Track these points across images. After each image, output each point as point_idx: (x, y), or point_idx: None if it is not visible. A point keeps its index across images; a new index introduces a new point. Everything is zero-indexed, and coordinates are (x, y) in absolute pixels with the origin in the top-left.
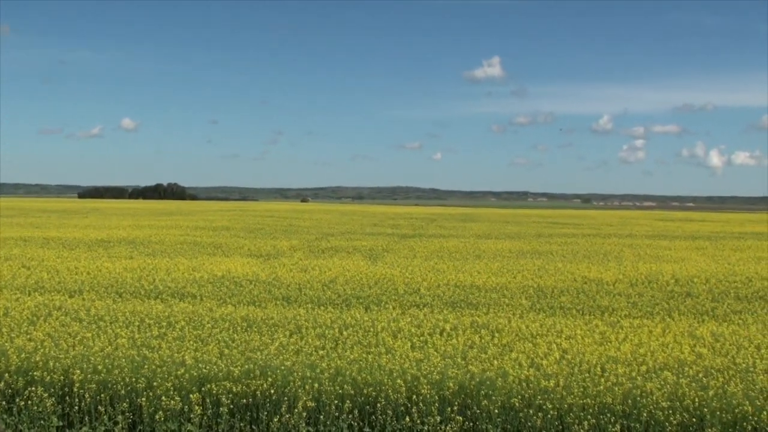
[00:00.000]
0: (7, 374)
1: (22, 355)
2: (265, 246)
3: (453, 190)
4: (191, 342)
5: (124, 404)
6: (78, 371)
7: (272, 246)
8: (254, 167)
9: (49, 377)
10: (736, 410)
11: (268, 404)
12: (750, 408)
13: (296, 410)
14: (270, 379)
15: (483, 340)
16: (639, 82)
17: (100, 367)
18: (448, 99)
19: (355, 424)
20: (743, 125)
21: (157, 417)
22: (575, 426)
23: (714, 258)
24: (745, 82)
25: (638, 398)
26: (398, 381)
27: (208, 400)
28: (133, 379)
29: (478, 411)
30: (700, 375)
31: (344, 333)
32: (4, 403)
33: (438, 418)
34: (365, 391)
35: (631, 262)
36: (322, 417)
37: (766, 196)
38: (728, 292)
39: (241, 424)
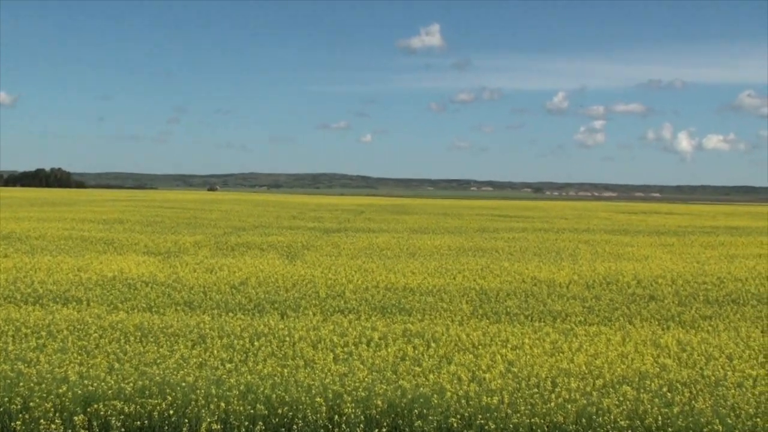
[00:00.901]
0: None
1: None
2: (164, 242)
3: (385, 177)
4: (75, 355)
5: None
6: None
7: (173, 242)
8: (153, 150)
9: None
10: (705, 429)
11: (166, 427)
12: (720, 427)
13: None
14: (169, 398)
15: (417, 351)
16: (598, 54)
17: None
18: (379, 72)
19: None
20: (716, 105)
21: None
22: None
23: (681, 256)
24: (719, 55)
25: (594, 417)
26: (318, 399)
27: (95, 423)
28: (6, 399)
29: None
30: (664, 389)
31: (256, 343)
32: None
33: None
34: (280, 411)
35: (587, 261)
36: None
37: (742, 186)
38: (697, 295)
39: None
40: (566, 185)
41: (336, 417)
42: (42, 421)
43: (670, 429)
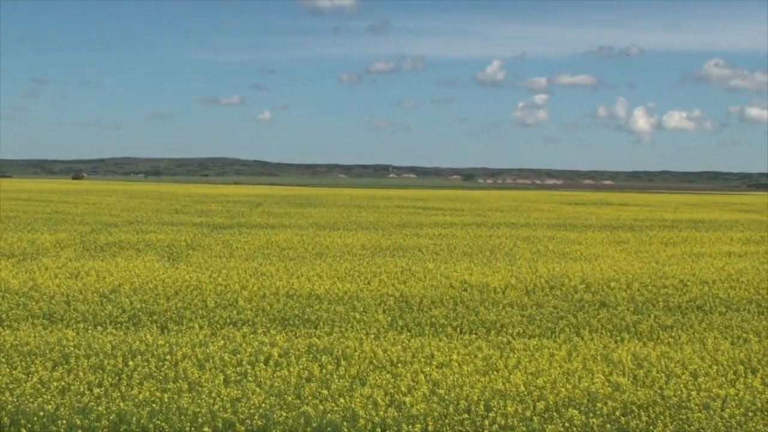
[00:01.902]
0: None
1: None
2: (18, 242)
3: (286, 162)
4: None
5: None
6: None
7: (29, 242)
8: (4, 130)
9: None
10: None
11: None
12: None
13: None
14: (23, 430)
15: (324, 371)
16: (540, 16)
17: None
18: (279, 37)
19: None
20: (679, 76)
21: None
22: None
23: (638, 255)
24: (682, 17)
25: None
26: (206, 429)
27: None
28: None
29: None
30: (618, 413)
31: (131, 363)
32: None
33: None
34: None
35: (527, 262)
36: None
37: (709, 171)
38: (656, 301)
39: None
40: (502, 171)
41: None
42: None
43: None
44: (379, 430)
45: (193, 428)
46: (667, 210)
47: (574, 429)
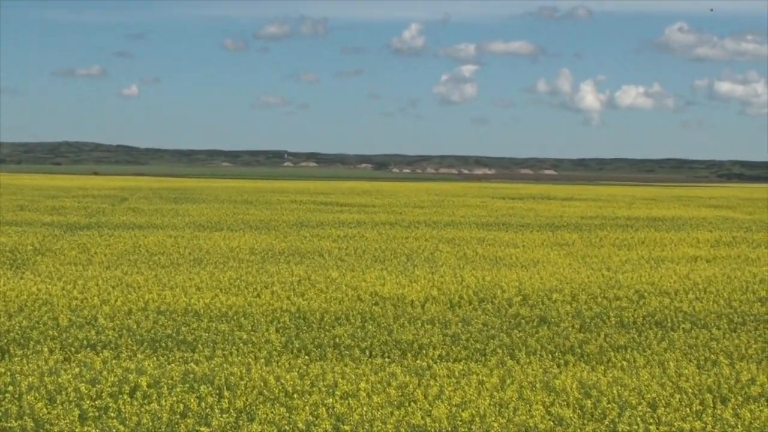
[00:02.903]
0: None
1: None
2: None
3: (158, 148)
4: None
5: None
6: None
7: None
8: None
9: None
10: None
11: None
12: None
13: None
14: None
15: (204, 404)
16: None
17: None
18: None
19: None
20: (634, 43)
21: None
22: None
23: (585, 260)
24: None
25: None
26: None
27: None
28: None
29: None
30: None
31: None
32: None
33: None
34: None
35: (452, 269)
36: None
37: (670, 159)
38: (607, 316)
39: None
40: (422, 159)
41: None
42: None
43: None
44: None
45: None
46: (620, 206)
47: None
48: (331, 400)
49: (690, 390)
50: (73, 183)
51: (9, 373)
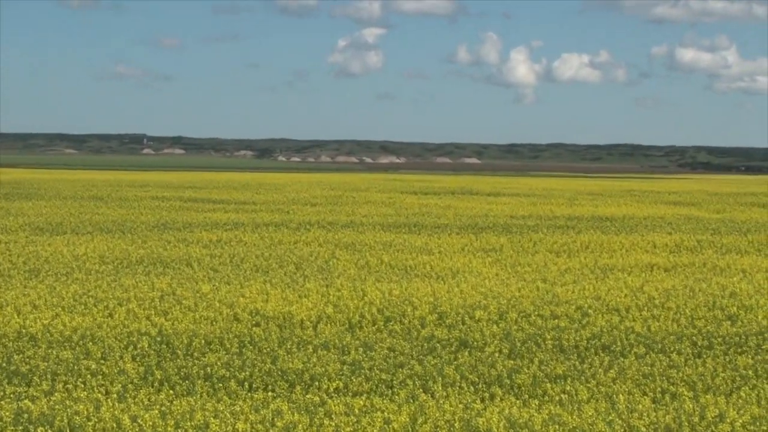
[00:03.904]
0: None
1: None
2: None
3: None
4: None
5: None
6: None
7: None
8: None
9: None
10: None
11: None
12: None
13: None
14: None
15: None
16: None
17: None
18: None
19: None
20: (577, 1)
21: None
22: None
23: (516, 270)
24: None
25: None
26: None
27: None
28: None
29: None
30: None
31: None
32: None
33: None
34: None
35: (351, 281)
36: None
37: (620, 145)
38: (542, 339)
39: None
40: (314, 145)
41: None
42: None
43: None
44: None
45: None
46: (559, 202)
47: None
48: None
49: (644, 429)
50: None
51: None
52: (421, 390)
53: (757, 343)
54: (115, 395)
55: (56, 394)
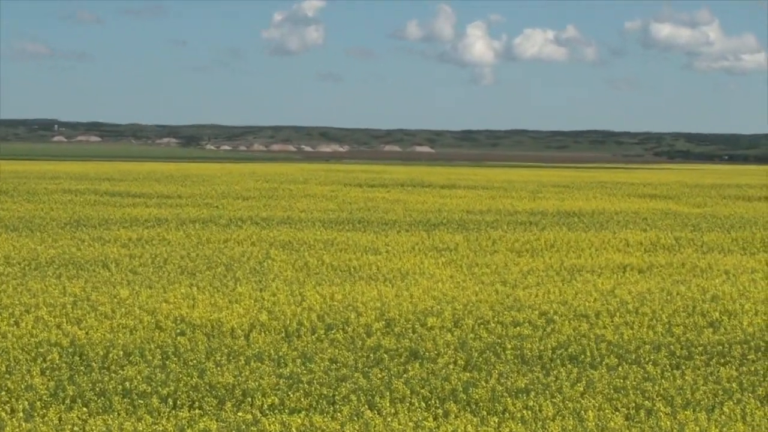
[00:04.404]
0: None
1: None
2: None
3: None
4: None
5: None
6: None
7: None
8: None
9: None
10: None
11: None
12: None
13: None
14: None
15: None
16: None
17: None
18: None
19: None
20: None
21: None
22: None
23: (473, 271)
24: None
25: None
26: None
27: None
28: None
29: None
30: None
31: None
32: None
33: None
34: None
35: (288, 284)
36: None
37: (591, 131)
38: (502, 349)
39: None
40: (247, 131)
41: None
42: None
43: None
44: None
45: None
46: (521, 196)
47: None
48: None
49: None
50: None
51: None
52: (366, 406)
53: (742, 353)
54: (21, 414)
55: None
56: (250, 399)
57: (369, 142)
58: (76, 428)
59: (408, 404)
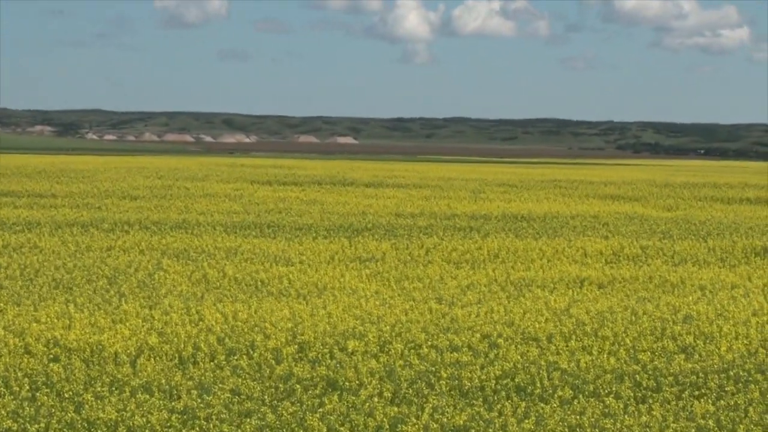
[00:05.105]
0: None
1: None
2: None
3: None
4: None
5: None
6: None
7: None
8: None
9: None
10: None
11: None
12: None
13: None
14: None
15: None
16: None
17: None
18: None
19: None
20: None
21: None
22: None
23: (402, 286)
24: None
25: None
26: None
27: None
28: None
29: None
30: None
31: None
32: None
33: None
34: None
35: (182, 300)
36: None
37: (542, 120)
38: (436, 378)
39: None
40: (134, 118)
41: None
42: None
43: None
44: None
45: None
46: (461, 196)
47: None
48: None
49: None
50: None
51: None
52: None
53: (720, 384)
54: None
55: None
56: None
57: (281, 131)
58: None
59: None
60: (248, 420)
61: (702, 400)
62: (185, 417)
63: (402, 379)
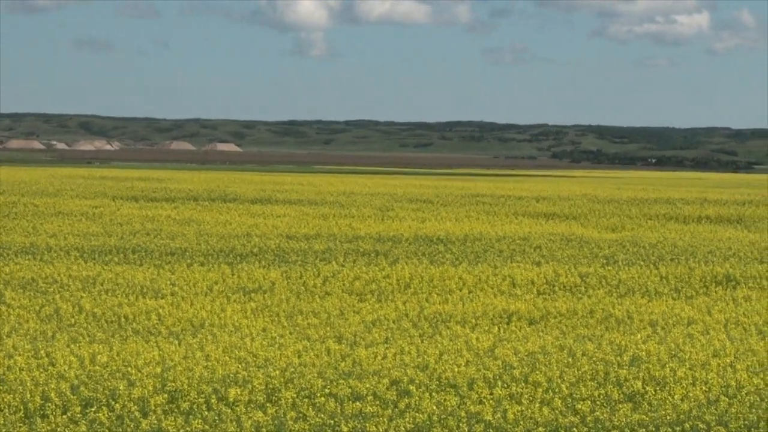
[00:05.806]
0: None
1: None
2: None
3: None
4: None
5: None
6: None
7: None
8: None
9: None
10: None
11: None
12: None
13: None
14: None
15: None
16: None
17: None
18: None
19: None
20: None
21: None
22: None
23: (295, 322)
24: None
25: None
26: None
27: None
28: None
29: None
30: None
31: None
32: None
33: None
34: None
35: (29, 341)
36: None
37: (461, 122)
38: None
39: None
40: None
41: None
42: None
43: None
44: None
45: None
46: (366, 214)
47: None
48: None
49: None
50: None
51: None
52: None
53: None
54: None
55: None
56: None
57: (150, 137)
58: None
59: None
60: None
61: None
62: None
63: None
